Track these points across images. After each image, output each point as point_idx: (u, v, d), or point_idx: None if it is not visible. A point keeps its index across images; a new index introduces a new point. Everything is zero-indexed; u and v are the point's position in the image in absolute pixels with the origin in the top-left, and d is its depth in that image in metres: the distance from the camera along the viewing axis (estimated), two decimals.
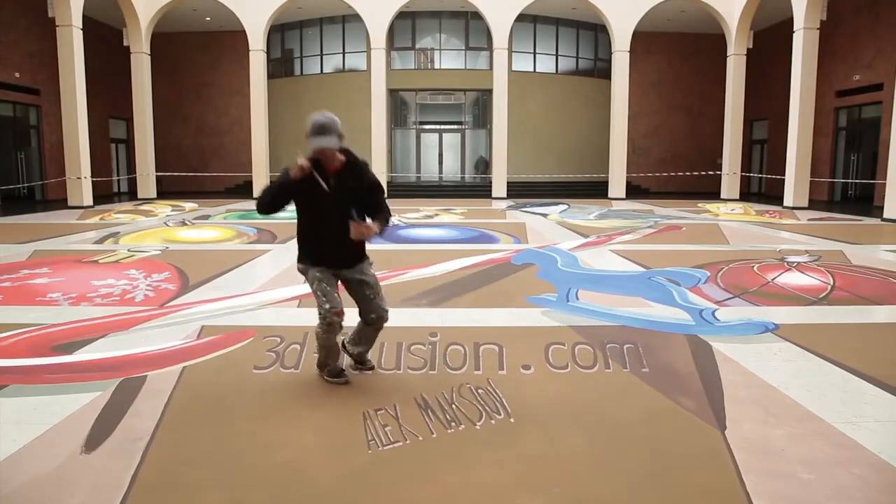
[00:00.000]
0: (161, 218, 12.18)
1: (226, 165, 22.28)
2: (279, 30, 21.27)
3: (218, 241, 8.92)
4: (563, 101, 21.70)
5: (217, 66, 22.55)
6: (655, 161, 22.61)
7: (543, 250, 7.60)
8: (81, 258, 7.00)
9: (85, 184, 15.17)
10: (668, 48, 22.56)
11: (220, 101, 22.82)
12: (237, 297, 5.06)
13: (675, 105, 22.93)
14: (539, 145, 21.28)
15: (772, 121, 20.59)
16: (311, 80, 21.83)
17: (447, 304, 4.88)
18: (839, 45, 17.14)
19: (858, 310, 4.95)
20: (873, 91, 16.06)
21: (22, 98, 16.71)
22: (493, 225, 10.91)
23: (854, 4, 16.86)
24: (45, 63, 16.51)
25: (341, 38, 21.39)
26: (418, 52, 21.83)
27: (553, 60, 21.80)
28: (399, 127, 22.12)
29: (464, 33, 21.45)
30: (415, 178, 21.87)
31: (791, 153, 15.22)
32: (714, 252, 7.60)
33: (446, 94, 22.03)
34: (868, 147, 16.82)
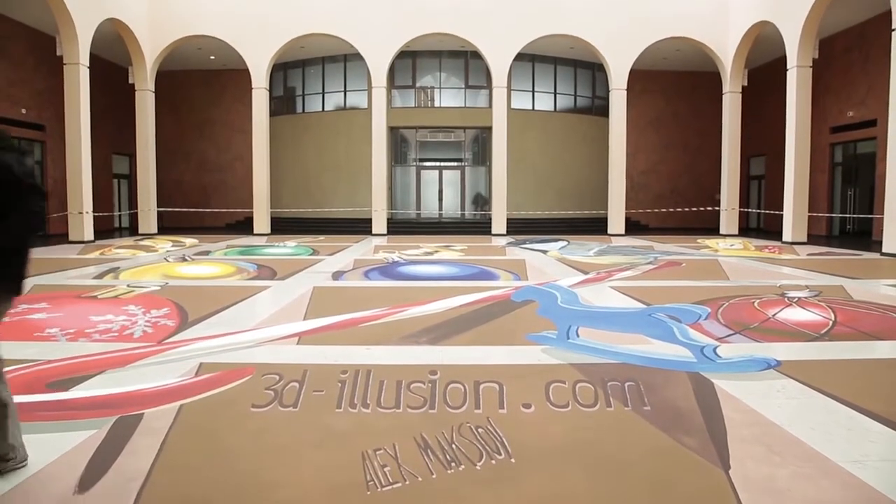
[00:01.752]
0: (161, 253, 12.19)
1: (227, 201, 22.41)
2: (282, 68, 21.59)
3: (218, 277, 8.92)
4: (562, 138, 21.92)
5: (220, 104, 22.85)
6: (654, 197, 22.76)
7: (543, 287, 7.59)
8: (81, 293, 6.98)
9: (86, 219, 15.23)
10: (665, 86, 22.90)
11: (222, 138, 23.07)
12: (236, 333, 5.03)
13: (673, 142, 23.18)
14: (538, 182, 21.42)
15: (768, 157, 20.79)
16: (312, 118, 22.09)
17: (447, 342, 4.85)
18: (832, 82, 17.42)
19: (861, 345, 4.92)
20: (867, 127, 16.27)
21: (27, 134, 16.92)
22: (492, 262, 10.92)
23: (844, 44, 17.19)
24: (51, 100, 16.75)
25: (343, 76, 21.70)
26: (419, 91, 22.12)
27: (551, 98, 22.09)
28: (399, 164, 22.29)
29: (463, 72, 21.76)
30: (415, 214, 21.96)
31: (788, 189, 15.32)
32: (714, 288, 7.59)
33: (446, 132, 22.25)
34: (864, 182, 16.96)
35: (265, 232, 18.49)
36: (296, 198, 21.45)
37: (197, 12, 17.91)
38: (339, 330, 5.25)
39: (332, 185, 21.43)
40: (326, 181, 21.51)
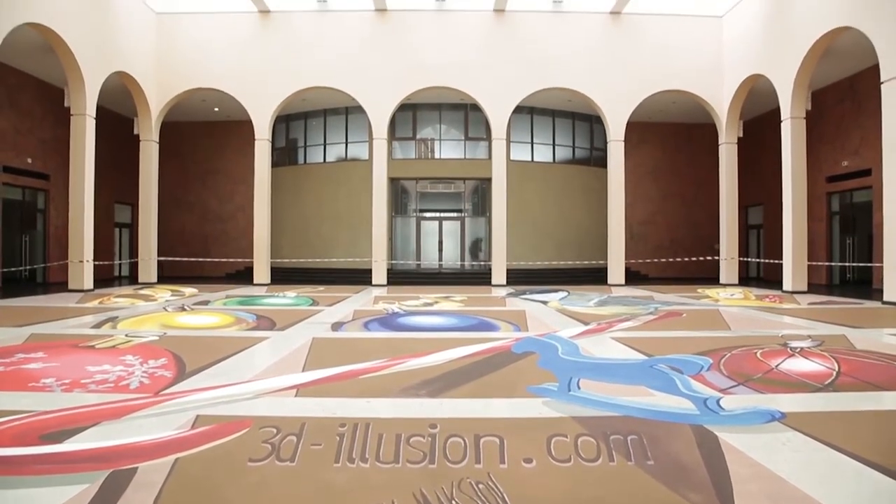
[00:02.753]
0: (160, 303, 12.15)
1: (227, 251, 22.49)
2: (284, 120, 21.96)
3: (216, 327, 8.87)
4: (561, 189, 22.12)
5: (223, 154, 23.16)
6: (653, 247, 22.84)
7: (544, 338, 7.54)
8: (78, 343, 6.93)
9: (87, 267, 15.25)
10: (662, 137, 23.26)
11: (224, 188, 23.30)
12: (234, 385, 4.98)
13: (671, 192, 23.40)
14: (538, 233, 21.53)
15: (766, 206, 20.98)
16: (313, 169, 22.34)
17: (447, 395, 4.79)
18: (826, 133, 17.72)
19: (866, 396, 4.86)
20: (862, 176, 16.48)
21: (32, 183, 17.14)
22: (492, 312, 10.87)
23: (836, 96, 17.56)
24: (57, 149, 17.02)
25: (344, 128, 22.04)
26: (419, 142, 22.42)
27: (550, 150, 22.39)
28: (399, 215, 22.44)
29: (463, 124, 22.10)
30: (415, 265, 21.99)
31: (787, 238, 15.39)
32: (716, 338, 7.54)
33: (446, 183, 22.47)
34: (862, 230, 17.07)
35: (265, 282, 18.48)
36: (296, 248, 21.52)
37: (202, 66, 18.33)
38: (338, 382, 5.20)
39: (333, 236, 21.52)
40: (327, 231, 21.62)
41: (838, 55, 15.31)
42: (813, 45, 14.21)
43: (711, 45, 18.51)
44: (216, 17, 18.43)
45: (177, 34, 18.41)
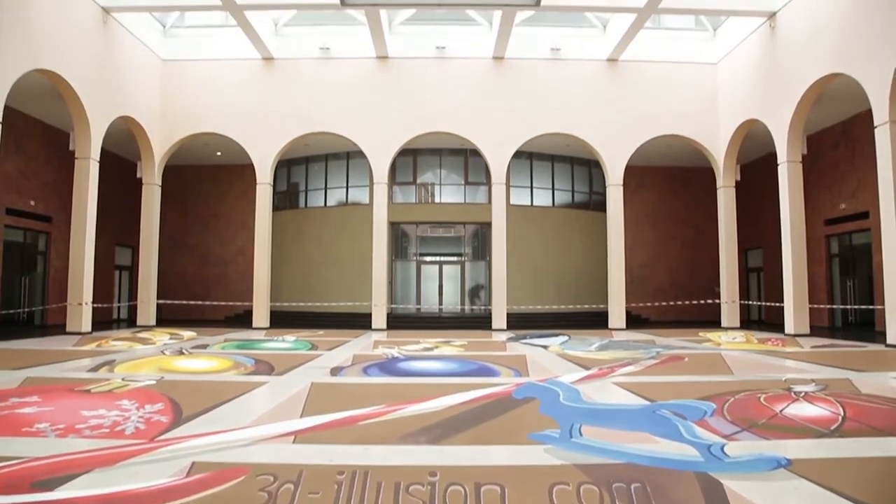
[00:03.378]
0: (158, 346, 12.07)
1: (227, 294, 22.44)
2: (286, 164, 22.19)
3: (214, 371, 8.79)
4: (561, 233, 22.21)
5: (224, 198, 23.34)
6: (654, 290, 22.80)
7: (545, 384, 7.47)
8: (74, 386, 6.86)
9: (85, 310, 15.20)
10: (661, 181, 23.47)
11: (225, 232, 23.40)
12: (231, 431, 4.90)
13: (671, 236, 23.49)
14: (538, 276, 21.52)
15: (765, 249, 21.03)
16: (314, 213, 22.47)
17: (447, 442, 4.72)
18: (822, 176, 17.90)
19: (873, 442, 4.78)
20: (860, 219, 16.56)
21: (33, 225, 17.24)
22: (493, 357, 10.79)
23: (831, 140, 17.79)
24: (60, 192, 17.17)
25: (345, 172, 22.25)
26: (419, 187, 22.60)
27: (549, 194, 22.56)
28: (400, 258, 22.48)
29: (463, 169, 22.32)
30: (415, 309, 21.92)
31: (787, 281, 15.38)
32: (719, 383, 7.47)
33: (446, 227, 22.57)
34: (863, 273, 17.08)
35: (264, 326, 18.39)
36: (296, 292, 21.48)
37: (206, 111, 18.61)
38: (336, 428, 5.13)
39: (333, 280, 21.52)
40: (327, 275, 21.62)
41: (832, 100, 15.57)
42: (806, 91, 14.46)
43: (707, 91, 18.83)
44: (221, 63, 18.80)
45: (182, 80, 18.75)
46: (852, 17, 12.90)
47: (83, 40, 14.80)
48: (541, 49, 19.00)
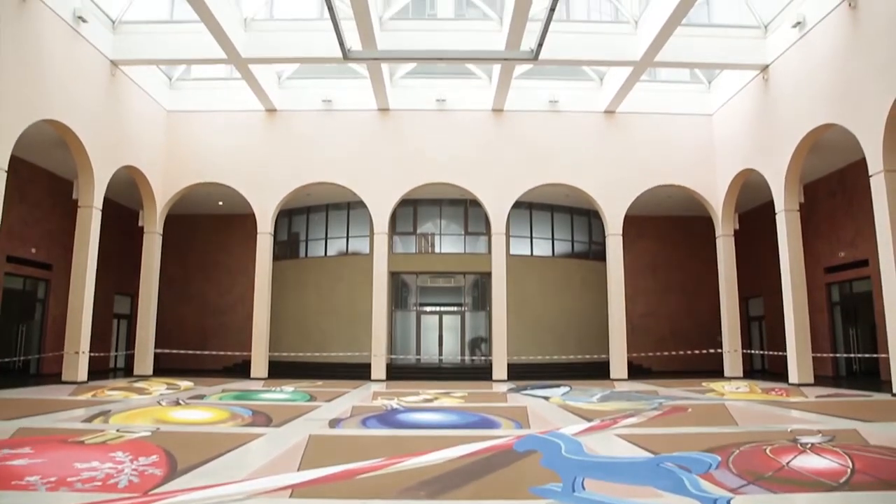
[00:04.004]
0: (155, 396, 11.91)
1: (225, 344, 22.28)
2: (287, 214, 22.34)
3: (211, 422, 8.65)
4: (561, 283, 22.19)
5: (225, 247, 23.40)
6: (655, 340, 22.65)
7: (546, 436, 7.34)
8: (67, 438, 6.74)
9: (82, 359, 15.07)
10: (660, 230, 23.57)
11: (225, 281, 23.39)
12: (226, 485, 4.80)
13: (671, 285, 23.46)
14: (538, 327, 21.42)
15: (766, 298, 21.00)
16: (315, 263, 22.51)
17: (447, 496, 4.62)
18: (820, 224, 18.00)
19: (884, 496, 4.67)
20: (860, 267, 16.57)
21: (34, 272, 17.27)
22: (494, 409, 10.65)
23: (828, 189, 17.96)
24: (61, 240, 17.25)
25: (346, 222, 22.39)
26: (419, 237, 22.69)
27: (549, 244, 22.64)
28: (400, 309, 22.41)
29: (463, 219, 22.46)
30: (415, 360, 21.75)
31: (789, 330, 15.31)
32: (723, 434, 7.34)
33: (446, 277, 22.58)
34: (865, 320, 17.00)
35: (262, 376, 18.21)
36: (295, 342, 21.34)
37: (209, 161, 18.86)
38: (334, 482, 5.02)
39: (333, 330, 21.40)
40: (327, 325, 21.51)
41: (827, 149, 15.78)
42: (801, 141, 14.67)
43: (704, 142, 19.09)
44: (224, 114, 19.12)
45: (185, 130, 19.04)
46: (843, 69, 13.18)
47: (91, 92, 15.10)
48: (539, 101, 19.36)
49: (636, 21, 16.11)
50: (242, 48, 15.66)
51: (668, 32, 14.61)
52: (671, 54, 15.76)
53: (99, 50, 15.32)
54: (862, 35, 12.65)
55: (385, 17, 16.23)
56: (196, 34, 15.38)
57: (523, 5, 13.56)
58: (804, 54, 14.60)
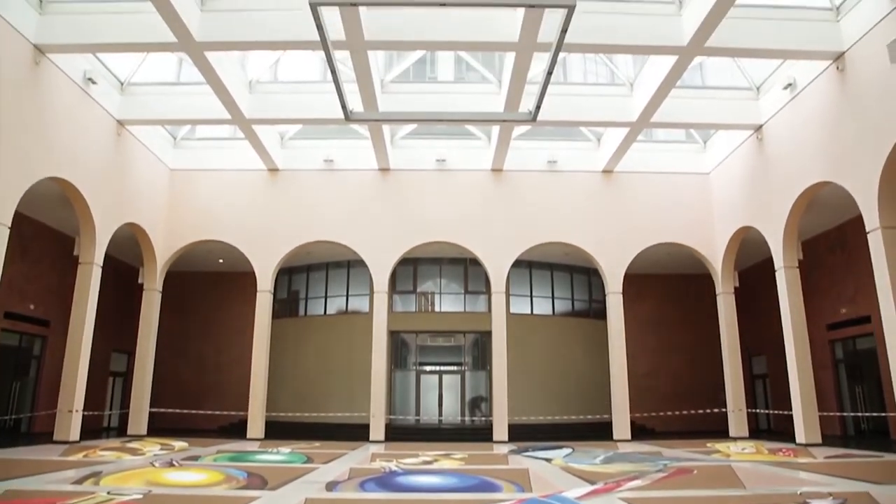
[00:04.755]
0: (148, 457, 11.64)
1: (222, 403, 21.93)
2: (287, 272, 22.37)
3: (205, 484, 8.43)
4: (562, 342, 22.05)
5: (224, 305, 23.34)
6: (658, 400, 22.33)
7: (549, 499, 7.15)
8: (56, 500, 6.55)
9: (75, 417, 14.82)
10: (661, 288, 23.55)
11: (223, 339, 23.24)
12: None
13: (673, 343, 23.29)
14: (539, 386, 21.17)
15: (769, 356, 20.81)
16: (314, 321, 22.41)
17: None
18: (821, 280, 17.99)
19: None
20: (862, 323, 16.47)
21: (31, 329, 17.17)
22: (494, 471, 10.39)
23: (827, 245, 18.03)
24: (60, 296, 17.23)
25: (346, 281, 22.39)
26: (419, 296, 22.67)
27: (549, 303, 22.59)
28: (399, 368, 22.18)
29: (463, 278, 22.48)
30: (414, 420, 21.40)
31: (794, 389, 15.11)
32: (731, 497, 7.15)
33: (446, 336, 22.44)
34: (871, 378, 16.80)
35: (259, 436, 17.86)
36: (293, 401, 21.04)
37: (211, 219, 18.99)
38: None
39: (331, 389, 21.13)
40: (325, 385, 21.25)
41: (824, 206, 15.92)
42: (797, 199, 14.82)
43: (701, 200, 19.26)
44: (227, 173, 19.36)
45: (188, 188, 19.24)
46: (835, 128, 13.42)
47: (97, 150, 15.35)
48: (538, 161, 19.62)
49: (632, 83, 16.50)
50: (247, 109, 15.99)
51: (663, 94, 14.94)
52: (666, 115, 16.08)
53: (106, 110, 15.65)
54: (851, 96, 12.94)
55: (387, 79, 16.63)
56: (201, 95, 15.74)
57: (521, 69, 13.91)
58: (796, 114, 14.91)
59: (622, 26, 13.22)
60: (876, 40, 12.11)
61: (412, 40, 13.28)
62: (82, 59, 14.46)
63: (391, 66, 17.15)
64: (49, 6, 12.97)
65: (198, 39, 12.76)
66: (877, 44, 12.08)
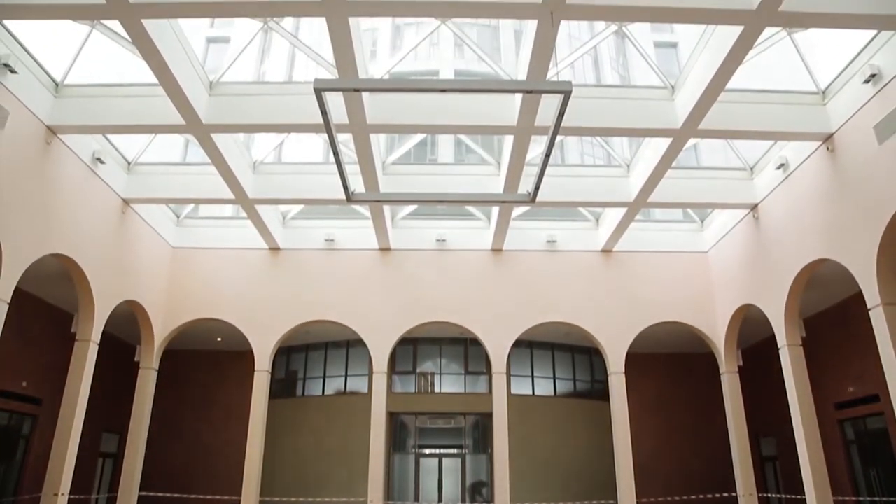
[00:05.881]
0: None
1: (214, 487, 21.22)
2: (285, 352, 22.15)
3: None
4: (564, 424, 21.59)
5: (220, 385, 23.00)
6: (664, 483, 21.59)
7: None
8: None
9: (61, 501, 14.24)
10: (664, 368, 23.24)
11: (218, 419, 22.75)
12: None
13: (678, 424, 22.77)
14: (542, 470, 20.56)
15: (779, 437, 20.27)
16: (312, 402, 22.04)
17: None
18: (826, 358, 17.75)
19: None
20: (871, 402, 16.13)
21: (21, 407, 16.83)
22: None
23: (830, 322, 17.89)
24: (54, 374, 16.94)
25: (345, 361, 22.16)
26: (419, 376, 22.38)
27: (551, 383, 22.26)
28: (398, 451, 21.61)
29: (463, 358, 22.27)
30: None
31: (806, 472, 14.60)
32: None
33: (446, 418, 21.99)
34: (885, 459, 16.27)
35: None
36: (289, 484, 20.37)
37: (211, 297, 18.95)
38: None
39: (328, 472, 20.51)
40: (322, 468, 20.65)
41: (825, 282, 15.88)
42: (796, 276, 14.80)
43: (701, 278, 19.27)
44: (228, 252, 19.45)
45: (189, 266, 19.28)
46: (830, 206, 13.58)
47: (101, 228, 15.50)
48: (538, 241, 19.77)
49: (628, 164, 16.87)
50: (250, 189, 16.28)
51: (659, 175, 15.23)
52: (663, 195, 16.32)
53: (112, 189, 15.93)
54: (843, 175, 13.19)
55: (388, 161, 17.01)
56: (206, 175, 16.06)
57: (520, 151, 14.24)
58: (791, 193, 15.14)
59: (617, 110, 13.64)
60: (862, 122, 12.47)
61: (413, 123, 13.65)
62: (92, 139, 14.86)
63: (393, 148, 17.61)
64: (64, 89, 13.46)
65: (205, 122, 13.15)
66: (863, 125, 12.44)
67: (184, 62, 12.17)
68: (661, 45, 35.45)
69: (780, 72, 13.89)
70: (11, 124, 12.08)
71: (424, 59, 30.16)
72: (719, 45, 11.60)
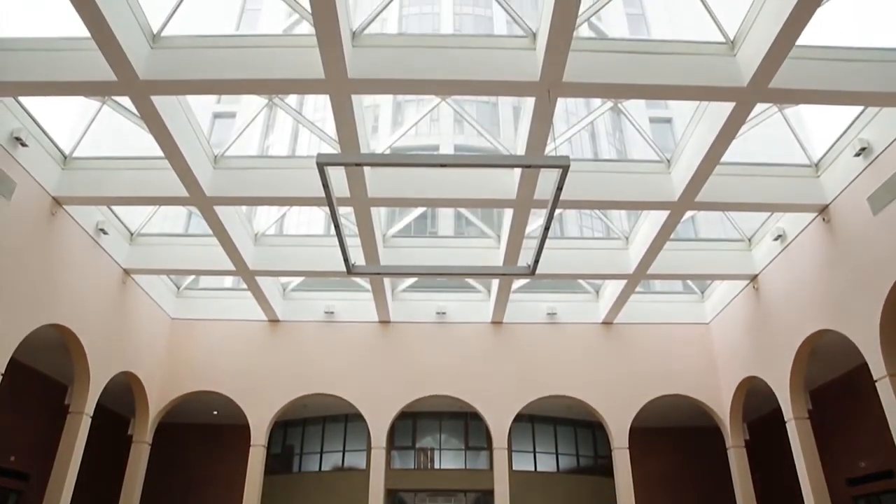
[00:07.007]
0: None
1: None
2: (282, 426, 21.69)
3: None
4: (567, 500, 20.91)
5: (215, 459, 22.40)
6: None
7: None
8: None
9: None
10: (668, 443, 22.67)
11: (211, 496, 22.02)
12: None
13: (686, 500, 21.99)
14: None
15: None
16: (308, 478, 21.44)
17: None
18: (836, 431, 17.33)
19: None
20: (885, 478, 15.63)
21: (7, 483, 16.27)
22: None
23: (836, 394, 17.54)
24: (45, 447, 16.48)
25: (342, 436, 21.68)
26: (418, 452, 21.87)
27: (553, 459, 21.71)
28: None
29: (463, 433, 21.82)
30: None
31: None
32: None
33: (446, 496, 21.35)
34: None
35: None
36: None
37: (208, 369, 18.71)
38: None
39: None
40: None
41: (829, 353, 15.65)
42: (799, 348, 14.64)
43: (703, 350, 19.08)
44: (227, 324, 19.32)
45: (187, 338, 19.11)
46: (828, 277, 13.60)
47: (100, 298, 15.45)
48: (538, 314, 19.67)
49: (627, 237, 17.00)
50: (251, 261, 16.34)
51: (658, 247, 15.32)
52: (663, 267, 16.35)
53: (114, 259, 15.99)
54: (840, 245, 13.27)
55: (388, 234, 17.14)
56: (208, 247, 16.13)
57: (519, 224, 14.40)
58: (789, 264, 15.20)
59: (615, 183, 13.85)
60: (856, 194, 12.66)
61: (414, 197, 13.83)
62: (96, 210, 15.03)
63: (393, 221, 17.77)
64: (71, 161, 13.72)
65: (209, 195, 13.34)
66: (857, 197, 12.62)
67: (190, 137, 12.46)
68: (656, 121, 36.48)
69: (774, 144, 14.23)
70: (18, 195, 12.25)
71: (425, 135, 30.93)
72: (712, 120, 11.90)
